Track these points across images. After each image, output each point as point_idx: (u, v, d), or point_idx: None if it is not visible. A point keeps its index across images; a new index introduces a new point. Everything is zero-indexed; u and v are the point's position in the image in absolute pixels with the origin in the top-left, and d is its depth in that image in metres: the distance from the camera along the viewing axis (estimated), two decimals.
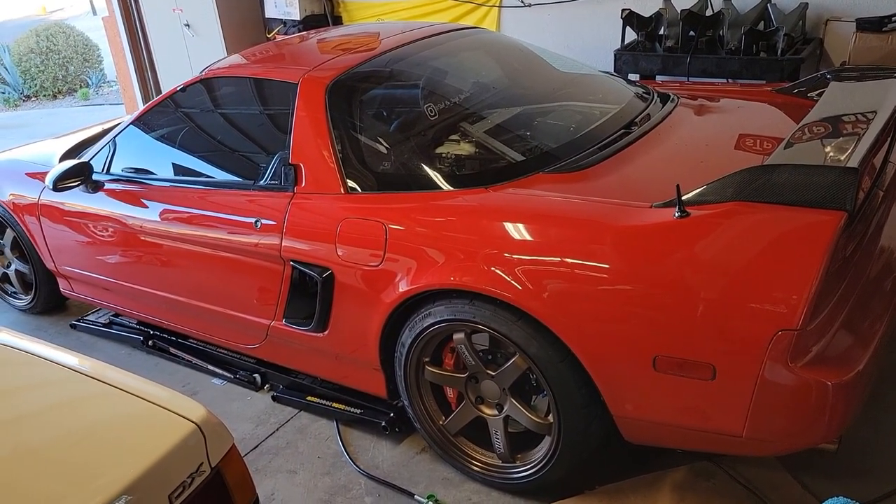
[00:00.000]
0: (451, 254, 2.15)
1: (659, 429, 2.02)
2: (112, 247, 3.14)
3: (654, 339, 1.89)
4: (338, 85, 2.61)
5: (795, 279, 1.72)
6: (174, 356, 3.28)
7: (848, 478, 2.27)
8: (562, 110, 2.84)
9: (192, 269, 2.88)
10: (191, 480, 1.49)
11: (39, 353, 1.83)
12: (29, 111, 9.64)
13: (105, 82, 10.40)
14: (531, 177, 2.32)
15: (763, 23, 3.93)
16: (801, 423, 1.83)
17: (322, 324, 2.50)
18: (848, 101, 2.45)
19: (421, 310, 2.24)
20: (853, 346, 1.87)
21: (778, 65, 3.70)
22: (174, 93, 3.02)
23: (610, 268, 1.92)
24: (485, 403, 2.32)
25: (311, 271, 2.45)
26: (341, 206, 2.42)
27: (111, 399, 1.65)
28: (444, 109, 2.65)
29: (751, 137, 2.55)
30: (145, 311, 3.27)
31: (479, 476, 2.39)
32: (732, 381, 1.83)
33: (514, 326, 2.07)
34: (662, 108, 2.79)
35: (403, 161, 2.53)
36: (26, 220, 3.43)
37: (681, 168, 2.41)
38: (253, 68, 2.96)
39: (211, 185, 2.82)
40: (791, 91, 2.94)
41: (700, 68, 3.91)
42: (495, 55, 3.23)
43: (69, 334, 3.63)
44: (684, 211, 1.88)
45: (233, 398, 3.00)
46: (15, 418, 1.62)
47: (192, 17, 5.95)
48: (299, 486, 2.51)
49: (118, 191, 3.06)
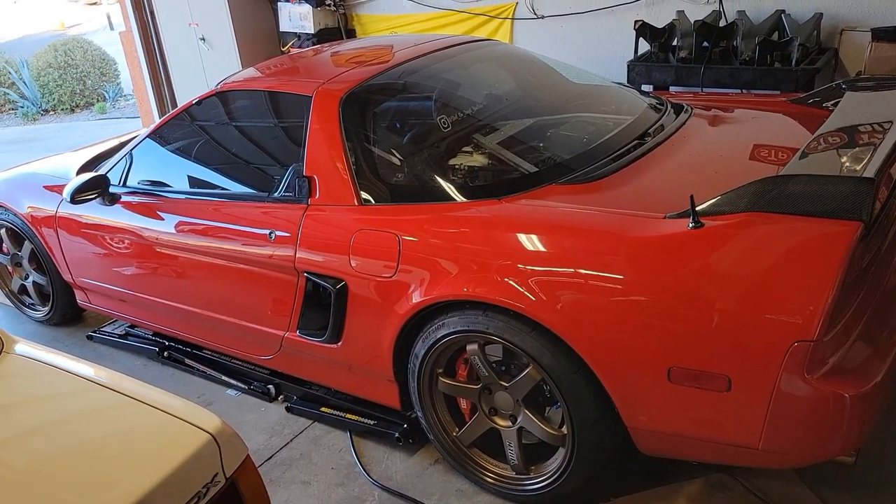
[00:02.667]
0: (465, 265, 2.15)
1: (673, 440, 2.01)
2: (128, 259, 3.17)
3: (669, 351, 1.88)
4: (351, 97, 2.62)
5: (811, 290, 1.71)
6: (189, 367, 3.30)
7: (866, 491, 2.25)
8: (575, 121, 2.84)
9: (207, 280, 2.90)
10: (206, 491, 1.50)
11: (56, 363, 1.85)
12: (47, 125, 9.77)
13: (122, 96, 10.53)
14: (544, 188, 2.32)
15: (777, 33, 3.92)
16: (817, 436, 1.81)
17: (336, 335, 2.51)
18: (864, 111, 2.44)
19: (434, 321, 2.25)
20: (870, 358, 1.85)
21: (793, 75, 3.68)
22: (190, 106, 3.05)
23: (624, 279, 1.92)
24: (498, 415, 2.31)
25: (325, 282, 2.46)
26: (355, 218, 2.43)
27: (127, 409, 1.66)
28: (457, 121, 2.67)
29: (765, 148, 2.54)
30: (161, 322, 3.29)
31: (493, 488, 2.38)
32: (748, 392, 1.81)
33: (527, 337, 2.06)
34: (676, 118, 2.79)
35: (417, 173, 2.54)
36: (44, 233, 3.47)
37: (695, 179, 2.40)
38: (267, 81, 2.99)
39: (226, 198, 2.85)
40: (806, 101, 2.93)
41: (714, 79, 3.90)
42: (508, 67, 3.24)
43: (85, 345, 3.66)
44: (698, 221, 1.87)
45: (247, 409, 3.01)
46: (31, 429, 1.63)
47: (207, 31, 6.02)
48: (313, 498, 2.51)
49: (134, 203, 3.09)
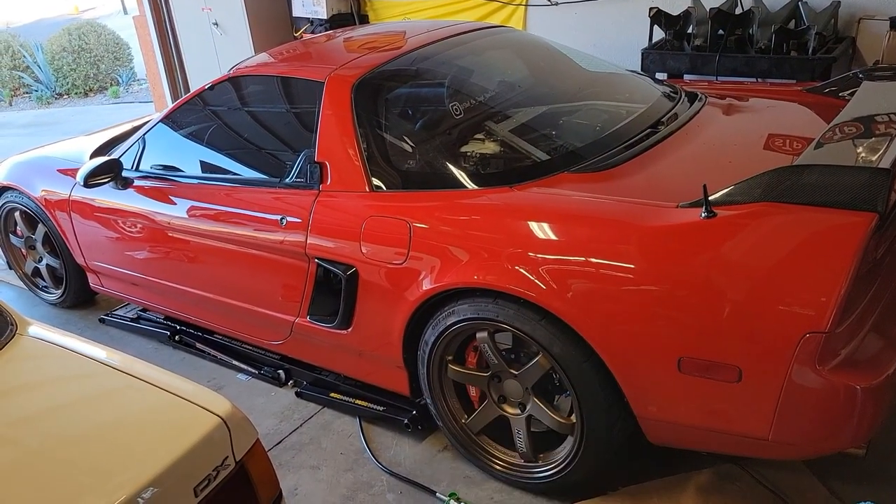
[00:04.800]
0: (476, 252, 2.15)
1: (683, 430, 2.00)
2: (140, 243, 3.18)
3: (680, 341, 1.87)
4: (364, 83, 2.62)
5: (824, 281, 1.70)
6: (200, 351, 3.32)
7: (876, 483, 2.24)
8: (588, 109, 2.82)
9: (219, 265, 2.91)
10: (216, 474, 1.51)
11: (69, 346, 1.87)
12: (61, 109, 9.81)
13: (135, 80, 10.56)
14: (556, 176, 2.31)
15: (794, 21, 3.87)
16: (828, 427, 1.80)
17: (346, 321, 2.51)
18: (881, 101, 2.41)
19: (444, 308, 2.25)
20: (883, 350, 1.84)
21: (809, 64, 3.64)
22: (202, 91, 3.05)
23: (635, 268, 1.91)
24: (507, 402, 2.31)
25: (336, 269, 2.46)
26: (366, 204, 2.43)
27: (138, 392, 1.68)
28: (469, 108, 2.65)
29: (780, 137, 2.52)
30: (172, 306, 3.31)
31: (502, 475, 2.39)
32: (759, 383, 1.80)
33: (537, 326, 2.06)
34: (690, 107, 2.76)
35: (428, 159, 2.53)
36: (57, 216, 3.49)
37: (708, 168, 2.38)
38: (280, 67, 2.98)
39: (237, 183, 2.85)
40: (822, 91, 2.89)
41: (729, 67, 3.86)
42: (521, 54, 3.22)
43: (98, 328, 3.68)
44: (711, 211, 1.86)
45: (257, 394, 3.02)
46: (45, 410, 1.65)
47: (220, 16, 6.01)
48: (322, 482, 2.53)
49: (147, 187, 3.10)
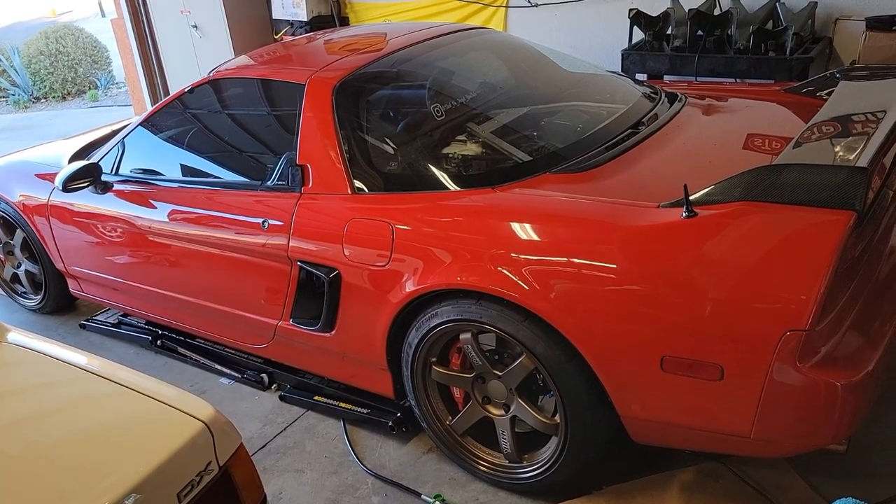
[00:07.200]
0: (458, 254, 2.15)
1: (666, 429, 2.02)
2: (121, 247, 3.15)
3: (662, 340, 1.88)
4: (345, 86, 2.61)
5: (804, 279, 1.71)
6: (182, 356, 3.29)
7: (857, 479, 2.26)
8: (569, 110, 2.83)
9: (200, 269, 2.89)
10: (199, 479, 1.50)
11: (49, 352, 1.85)
12: (38, 113, 9.70)
13: (114, 84, 10.46)
14: (538, 177, 2.31)
15: (772, 22, 3.92)
16: (809, 424, 1.82)
17: (329, 324, 2.50)
18: (857, 101, 2.44)
19: (428, 310, 2.25)
20: (862, 347, 1.86)
21: (787, 64, 3.68)
22: (182, 94, 3.03)
23: (617, 268, 1.92)
24: (491, 403, 2.32)
25: (319, 271, 2.45)
26: (348, 207, 2.42)
27: (120, 398, 1.66)
28: (450, 110, 2.66)
29: (759, 137, 2.54)
30: (154, 311, 3.28)
31: (486, 476, 2.39)
32: (740, 381, 1.82)
33: (520, 326, 2.07)
34: (670, 107, 2.78)
35: (410, 161, 2.53)
36: (36, 221, 3.45)
37: (689, 168, 2.40)
38: (260, 69, 2.97)
39: (218, 186, 2.83)
40: (800, 90, 2.93)
41: (708, 68, 3.90)
42: (502, 55, 3.23)
43: (78, 334, 3.64)
44: (692, 211, 1.87)
45: (240, 398, 3.01)
46: (25, 417, 1.63)
47: (199, 18, 5.98)
48: (306, 486, 2.52)
49: (127, 192, 3.07)
